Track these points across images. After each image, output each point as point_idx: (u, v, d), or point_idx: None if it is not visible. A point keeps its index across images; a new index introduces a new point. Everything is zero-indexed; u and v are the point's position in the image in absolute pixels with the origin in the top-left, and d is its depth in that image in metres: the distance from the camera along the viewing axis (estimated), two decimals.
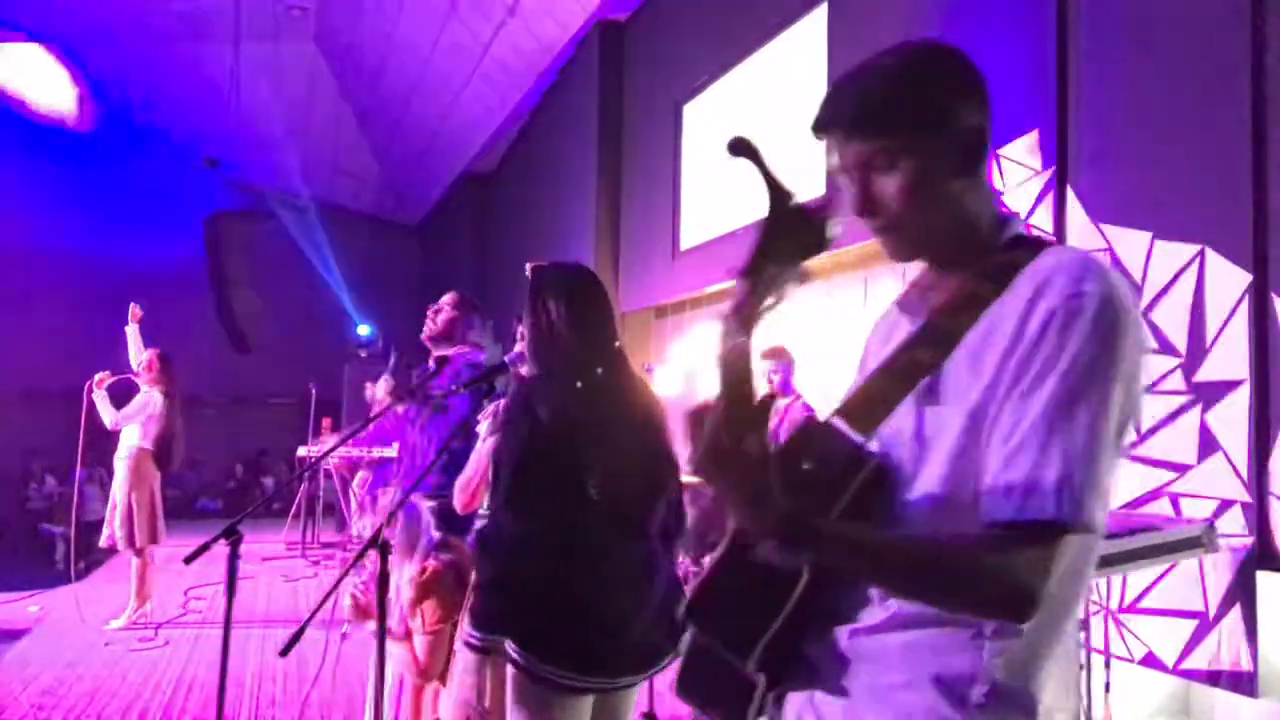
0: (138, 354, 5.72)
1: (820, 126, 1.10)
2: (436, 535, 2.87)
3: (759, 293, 0.92)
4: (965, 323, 1.01)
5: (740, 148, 0.95)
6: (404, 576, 2.79)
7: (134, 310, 5.79)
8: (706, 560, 1.14)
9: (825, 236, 0.93)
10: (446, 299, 3.66)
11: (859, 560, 0.98)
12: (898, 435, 1.04)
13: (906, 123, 1.03)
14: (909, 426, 1.03)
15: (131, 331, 5.76)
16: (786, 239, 0.93)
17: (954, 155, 1.04)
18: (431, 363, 3.54)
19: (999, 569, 0.91)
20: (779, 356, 4.80)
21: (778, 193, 0.94)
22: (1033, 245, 1.04)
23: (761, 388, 4.98)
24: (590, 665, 1.93)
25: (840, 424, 1.08)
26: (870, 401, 1.08)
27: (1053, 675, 0.99)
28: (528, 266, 2.13)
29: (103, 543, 5.66)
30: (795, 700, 1.10)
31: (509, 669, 1.94)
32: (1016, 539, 0.91)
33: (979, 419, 0.97)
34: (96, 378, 5.53)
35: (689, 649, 1.18)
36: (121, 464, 5.61)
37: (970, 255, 1.06)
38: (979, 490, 0.96)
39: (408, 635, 2.88)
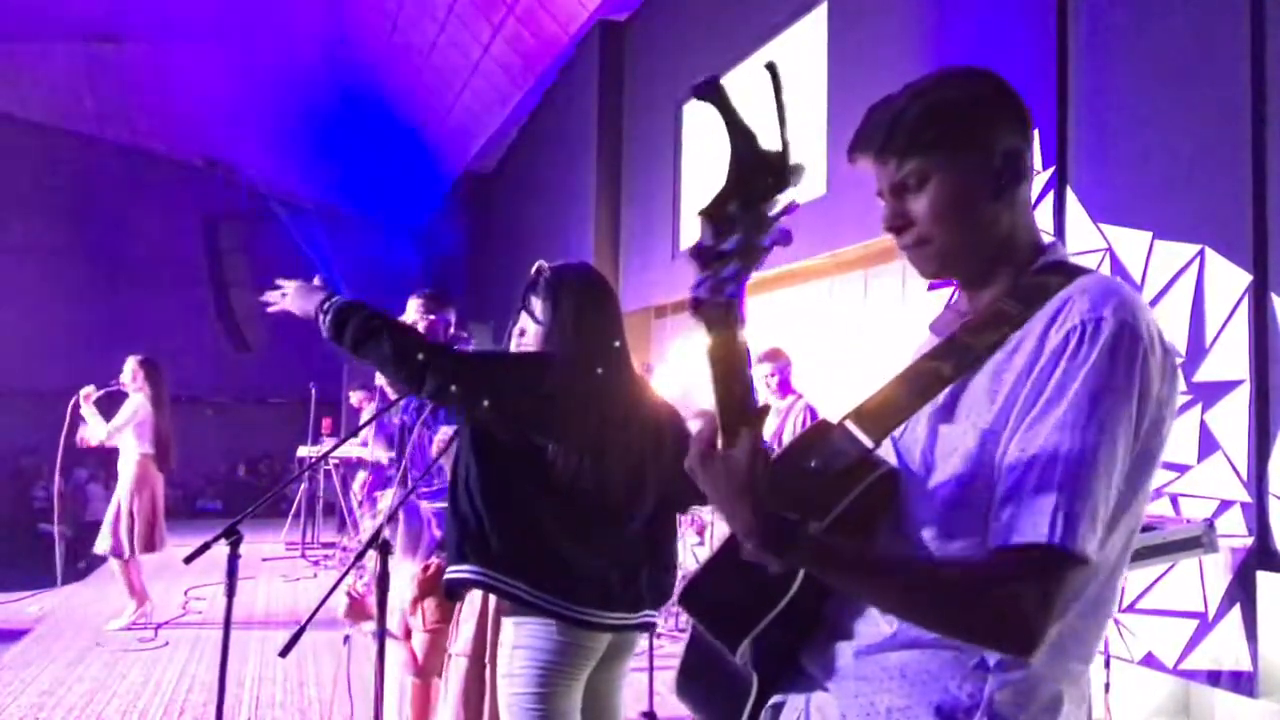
0: (99, 427, 5.47)
1: (853, 150, 1.10)
2: (438, 534, 2.87)
3: (722, 232, 0.89)
4: (988, 341, 1.00)
5: (706, 89, 0.93)
6: (404, 575, 2.79)
7: (85, 393, 5.44)
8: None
9: (788, 176, 0.90)
10: (415, 307, 3.48)
11: (843, 574, 0.97)
12: (911, 447, 1.04)
13: (934, 143, 1.03)
14: (922, 439, 1.03)
15: (88, 412, 5.47)
16: (749, 179, 0.91)
17: (986, 177, 1.03)
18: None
19: (997, 598, 0.89)
20: (775, 359, 4.78)
21: (740, 134, 0.93)
22: (1068, 271, 1.03)
23: (760, 391, 4.96)
24: (583, 594, 1.92)
25: (851, 427, 1.06)
26: (884, 408, 1.06)
27: (1042, 701, 0.96)
28: (540, 264, 2.14)
29: (96, 548, 5.61)
30: (791, 711, 1.09)
31: (506, 635, 1.94)
32: (1016, 567, 0.89)
33: (991, 440, 0.96)
34: (83, 393, 5.42)
35: (687, 650, 1.17)
36: (126, 471, 5.58)
37: (1002, 275, 1.06)
38: (986, 514, 0.94)
39: (407, 634, 2.88)
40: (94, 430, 5.47)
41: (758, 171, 0.89)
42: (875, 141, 1.06)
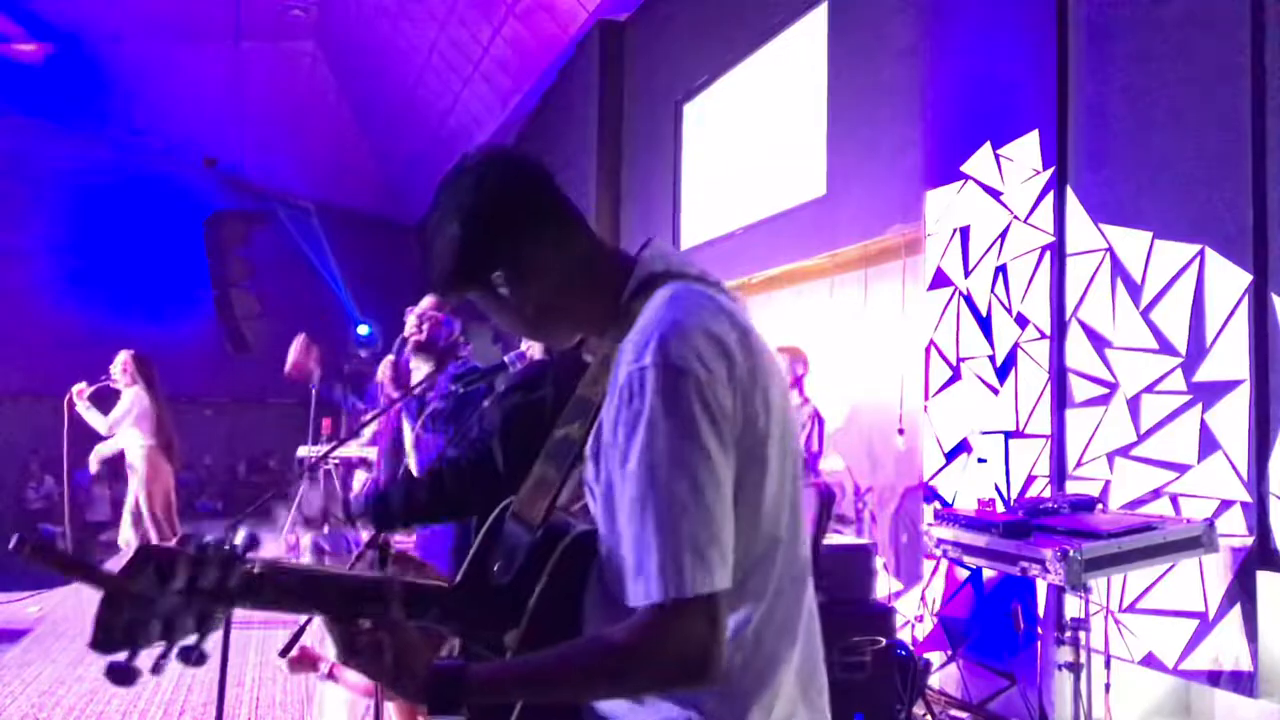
0: (99, 422, 5.51)
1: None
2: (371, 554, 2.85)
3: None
4: (602, 390, 1.02)
5: (35, 552, 0.85)
6: None
7: (77, 389, 5.47)
8: None
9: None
10: (426, 302, 3.56)
11: (525, 689, 0.98)
12: (592, 510, 1.05)
13: (457, 288, 1.11)
14: (589, 499, 1.04)
15: (83, 408, 5.48)
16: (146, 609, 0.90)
17: (511, 286, 1.08)
18: (425, 366, 3.51)
19: (657, 653, 0.91)
20: (794, 355, 4.73)
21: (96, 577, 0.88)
22: (650, 288, 1.05)
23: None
24: None
25: (512, 522, 1.10)
26: (536, 490, 1.10)
27: (762, 700, 0.99)
28: None
29: (124, 546, 5.63)
30: None
31: None
32: (659, 626, 0.91)
33: (609, 491, 0.98)
34: (75, 389, 5.43)
35: None
36: (136, 466, 5.58)
37: (599, 319, 1.10)
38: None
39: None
40: (95, 425, 5.49)
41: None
42: (432, 285, 1.15)
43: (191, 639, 0.90)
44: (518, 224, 1.09)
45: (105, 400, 5.63)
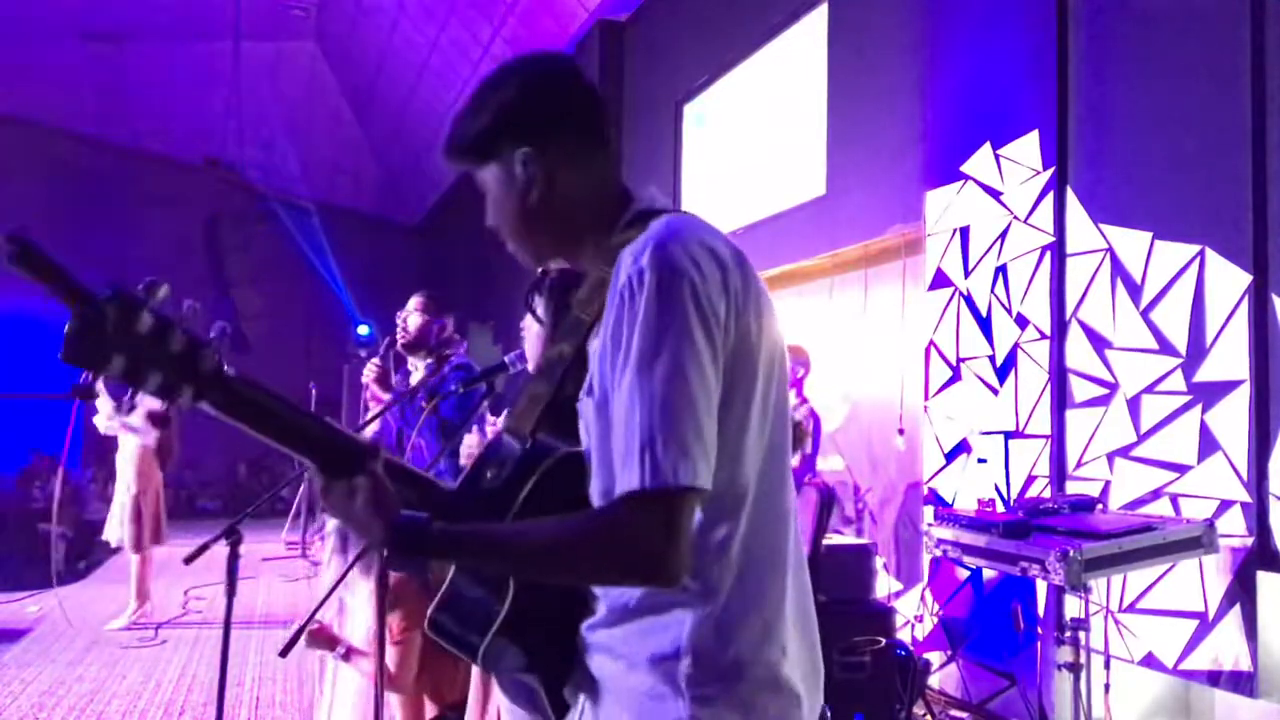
0: (106, 403, 5.50)
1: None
2: None
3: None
4: (594, 310, 1.07)
5: (16, 253, 0.85)
6: (362, 594, 2.76)
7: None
8: None
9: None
10: (413, 303, 3.56)
11: (481, 554, 1.03)
12: (583, 428, 1.08)
13: (492, 140, 1.11)
14: (583, 419, 1.08)
15: (100, 400, 5.49)
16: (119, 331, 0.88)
17: (555, 154, 1.10)
18: (420, 365, 3.51)
19: (621, 540, 0.94)
20: (797, 355, 4.74)
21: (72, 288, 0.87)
22: (645, 219, 1.07)
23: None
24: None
25: (506, 434, 1.15)
26: (527, 405, 1.14)
27: (753, 631, 1.01)
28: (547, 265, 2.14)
29: (114, 543, 5.64)
30: (575, 699, 1.13)
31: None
32: (629, 511, 0.93)
33: (604, 403, 1.01)
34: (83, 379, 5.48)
35: None
36: (128, 464, 5.60)
37: (592, 244, 1.13)
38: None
39: (376, 650, 2.87)
40: (100, 409, 5.49)
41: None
42: (445, 147, 1.16)
43: (152, 391, 0.90)
44: (565, 114, 1.12)
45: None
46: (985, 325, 3.90)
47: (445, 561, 1.06)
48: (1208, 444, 3.00)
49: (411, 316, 3.53)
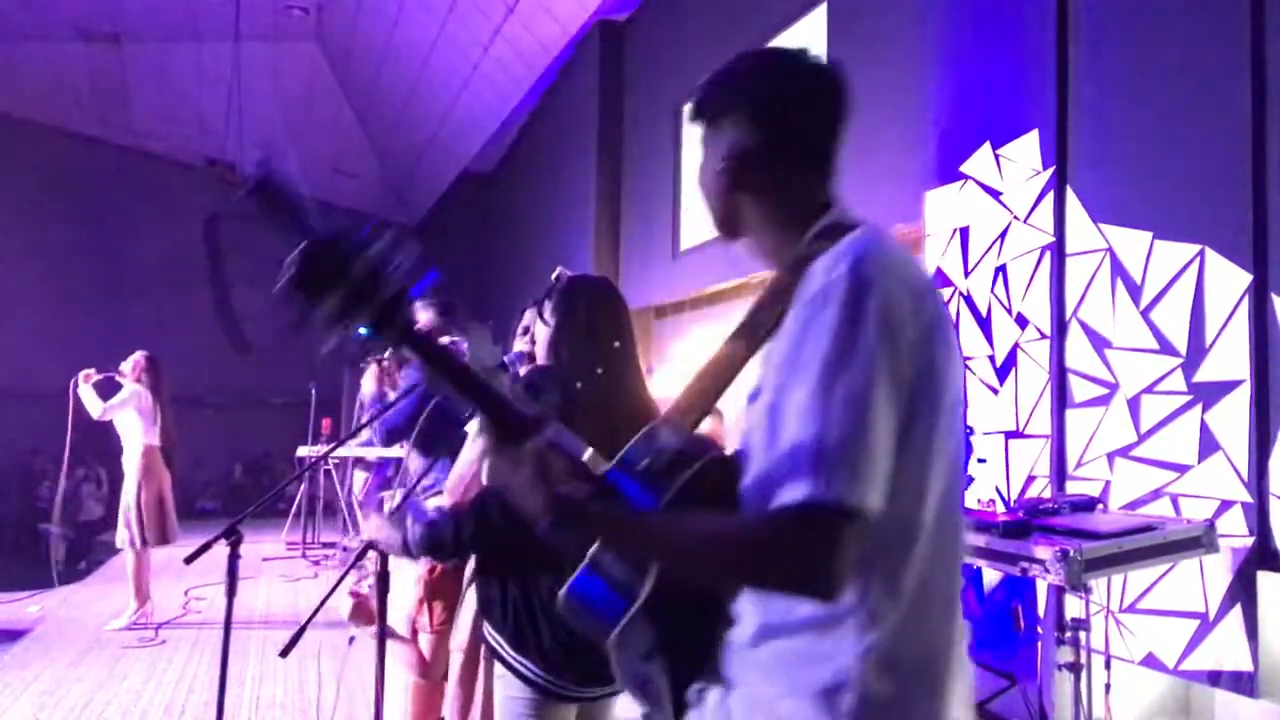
0: (94, 405, 5.56)
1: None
2: None
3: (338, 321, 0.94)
4: (771, 317, 1.06)
5: (259, 191, 0.93)
6: (408, 576, 2.79)
7: (85, 374, 5.59)
8: None
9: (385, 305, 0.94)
10: (424, 313, 3.58)
11: (636, 539, 1.02)
12: (746, 434, 1.07)
13: (723, 109, 1.13)
14: (745, 423, 1.07)
15: (85, 391, 5.56)
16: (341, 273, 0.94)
17: (770, 146, 1.10)
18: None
19: (783, 546, 0.92)
20: None
21: (308, 230, 0.94)
22: (838, 233, 1.07)
23: None
24: (577, 673, 1.93)
25: (666, 427, 1.13)
26: (690, 400, 1.13)
27: (918, 671, 0.99)
28: (560, 269, 2.16)
29: (119, 545, 5.65)
30: (708, 702, 1.11)
31: (501, 670, 1.95)
32: (795, 518, 0.91)
33: (775, 412, 0.99)
34: (82, 375, 5.53)
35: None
36: (132, 464, 5.60)
37: (783, 249, 1.12)
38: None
39: (413, 635, 2.88)
40: (90, 407, 5.53)
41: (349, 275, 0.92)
42: (708, 84, 1.18)
43: (361, 331, 0.93)
44: (808, 111, 1.12)
45: (108, 393, 5.65)
46: (985, 325, 3.90)
47: (596, 541, 1.05)
48: (1208, 444, 3.00)
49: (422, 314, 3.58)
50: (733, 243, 1.19)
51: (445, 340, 3.58)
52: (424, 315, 3.58)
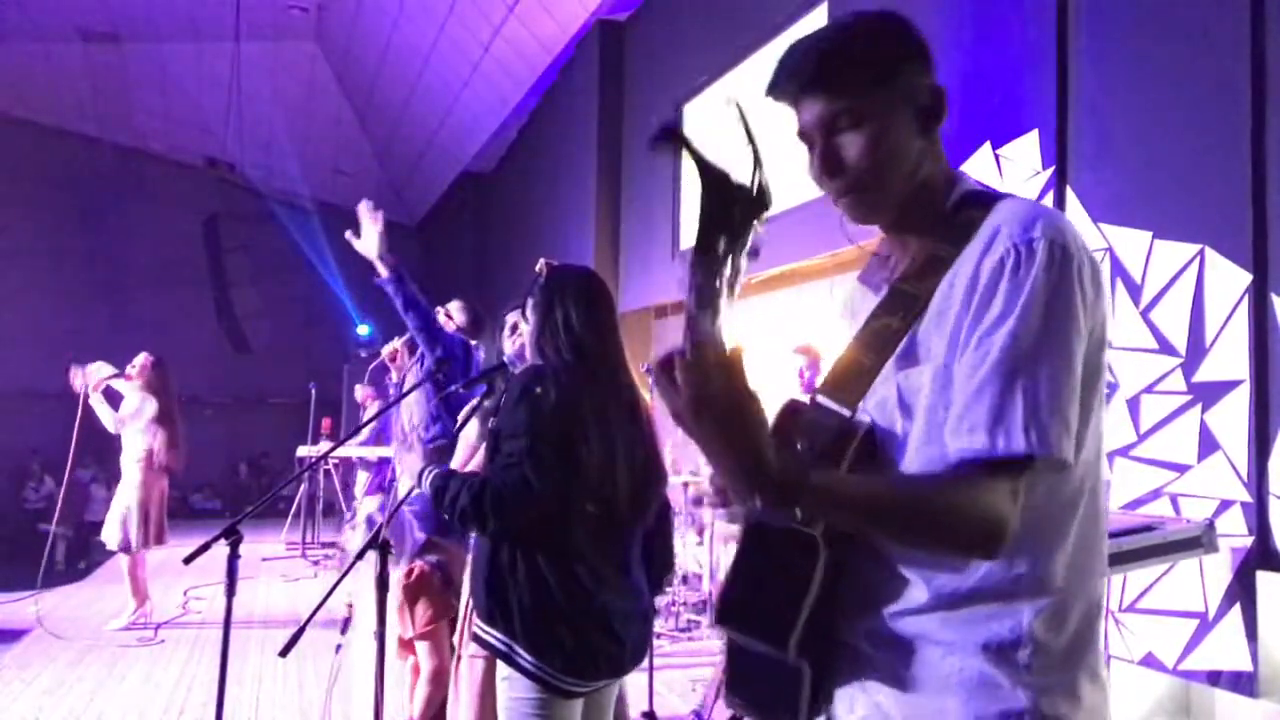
0: (108, 418, 5.55)
1: (776, 88, 1.14)
2: (420, 537, 2.86)
3: (716, 268, 0.92)
4: (930, 285, 1.05)
5: (666, 136, 0.98)
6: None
7: (95, 384, 5.55)
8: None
9: (766, 197, 0.95)
10: (458, 313, 3.99)
11: (844, 509, 0.99)
12: (884, 403, 1.06)
13: (866, 81, 1.07)
14: (892, 394, 1.05)
15: (97, 401, 5.54)
16: (730, 209, 0.94)
17: (911, 114, 1.10)
18: (430, 362, 3.60)
19: (969, 504, 0.93)
20: (808, 353, 4.91)
21: (708, 169, 0.96)
22: (984, 201, 1.08)
23: (793, 383, 5.14)
24: (594, 670, 1.93)
25: (826, 400, 1.10)
26: (848, 374, 1.09)
27: (1083, 620, 1.02)
28: (541, 262, 2.14)
29: (110, 546, 5.64)
30: (846, 691, 1.09)
31: (503, 667, 1.94)
32: (987, 473, 0.93)
33: (945, 375, 1.00)
34: (90, 383, 5.46)
35: (729, 654, 1.15)
36: (133, 467, 5.58)
37: (927, 217, 1.11)
38: (947, 429, 0.98)
39: (410, 646, 2.87)
40: (104, 420, 5.52)
41: (737, 200, 0.93)
42: (803, 79, 1.10)
43: (743, 262, 0.94)
44: (933, 73, 1.14)
45: (109, 395, 5.65)
46: None
47: (811, 510, 0.98)
48: (1208, 444, 2.99)
49: (453, 319, 3.98)
50: (883, 222, 1.16)
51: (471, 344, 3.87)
52: (459, 316, 3.94)
